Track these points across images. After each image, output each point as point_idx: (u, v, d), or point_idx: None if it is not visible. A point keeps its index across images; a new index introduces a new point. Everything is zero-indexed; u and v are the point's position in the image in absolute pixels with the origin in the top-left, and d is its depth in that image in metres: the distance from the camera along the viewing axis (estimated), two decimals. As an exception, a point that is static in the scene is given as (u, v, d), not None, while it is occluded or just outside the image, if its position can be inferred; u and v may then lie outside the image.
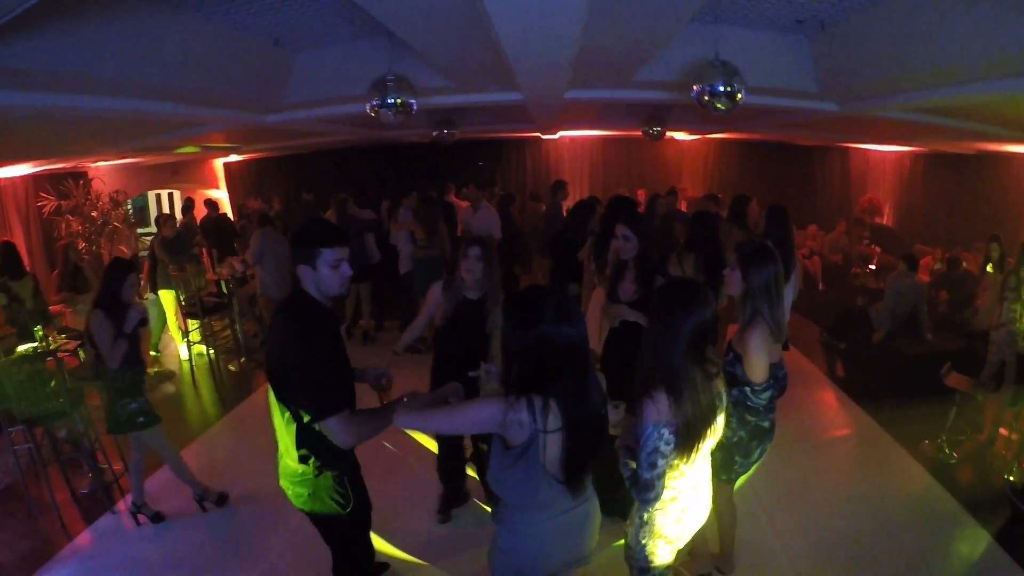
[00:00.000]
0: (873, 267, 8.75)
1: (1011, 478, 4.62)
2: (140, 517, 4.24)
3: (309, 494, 2.63)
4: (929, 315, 6.56)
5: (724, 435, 2.77)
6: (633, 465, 2.34)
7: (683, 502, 2.46)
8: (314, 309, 2.50)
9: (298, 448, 2.54)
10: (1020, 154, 7.14)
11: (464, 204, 8.86)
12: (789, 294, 4.81)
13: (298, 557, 3.81)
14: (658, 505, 2.41)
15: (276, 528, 4.13)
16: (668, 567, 2.60)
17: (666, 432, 2.22)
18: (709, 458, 2.58)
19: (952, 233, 8.41)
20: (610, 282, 3.75)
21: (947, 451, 4.91)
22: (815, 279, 9.10)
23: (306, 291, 2.51)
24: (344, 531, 2.84)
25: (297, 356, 2.40)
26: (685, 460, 2.32)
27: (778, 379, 3.07)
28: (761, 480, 2.70)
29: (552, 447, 2.07)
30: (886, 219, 10.15)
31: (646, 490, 2.27)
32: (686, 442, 2.26)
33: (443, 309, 3.76)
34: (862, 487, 4.56)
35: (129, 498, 4.38)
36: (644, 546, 2.51)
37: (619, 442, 2.52)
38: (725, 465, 3.14)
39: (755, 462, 3.18)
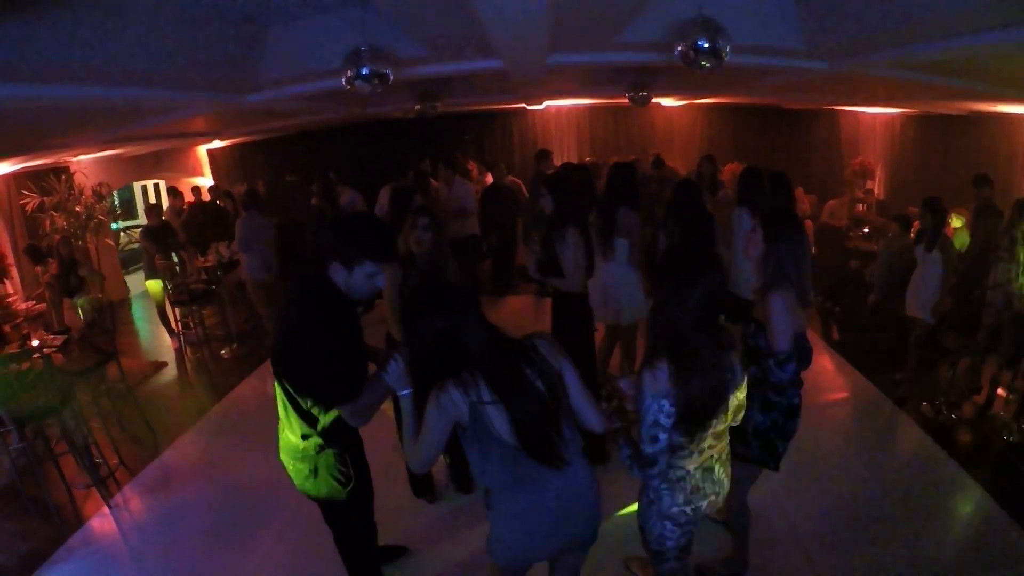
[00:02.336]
0: (867, 230, 8.69)
1: (1010, 438, 4.62)
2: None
3: (310, 470, 2.62)
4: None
5: (756, 421, 2.79)
6: (627, 451, 2.32)
7: (693, 483, 2.37)
8: (336, 298, 2.46)
9: (301, 425, 2.53)
10: (1011, 114, 7.06)
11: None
12: None
13: (298, 543, 3.79)
14: (665, 485, 2.35)
15: (275, 514, 4.11)
16: (683, 551, 2.53)
17: (666, 404, 2.16)
18: (725, 442, 2.46)
19: (944, 194, 8.33)
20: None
21: (945, 412, 4.89)
22: (809, 243, 9.02)
23: (331, 278, 2.45)
24: (345, 509, 2.80)
25: (315, 349, 2.37)
26: (689, 437, 2.24)
27: (803, 350, 2.91)
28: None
29: (499, 418, 2.03)
30: (877, 182, 10.08)
31: (649, 465, 2.23)
32: (690, 416, 2.19)
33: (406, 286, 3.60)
34: (861, 450, 4.57)
35: (126, 492, 4.36)
36: (653, 528, 2.45)
37: (615, 423, 2.42)
38: (770, 453, 2.99)
39: (791, 437, 3.04)
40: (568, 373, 2.17)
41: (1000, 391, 5.17)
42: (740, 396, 2.37)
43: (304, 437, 2.56)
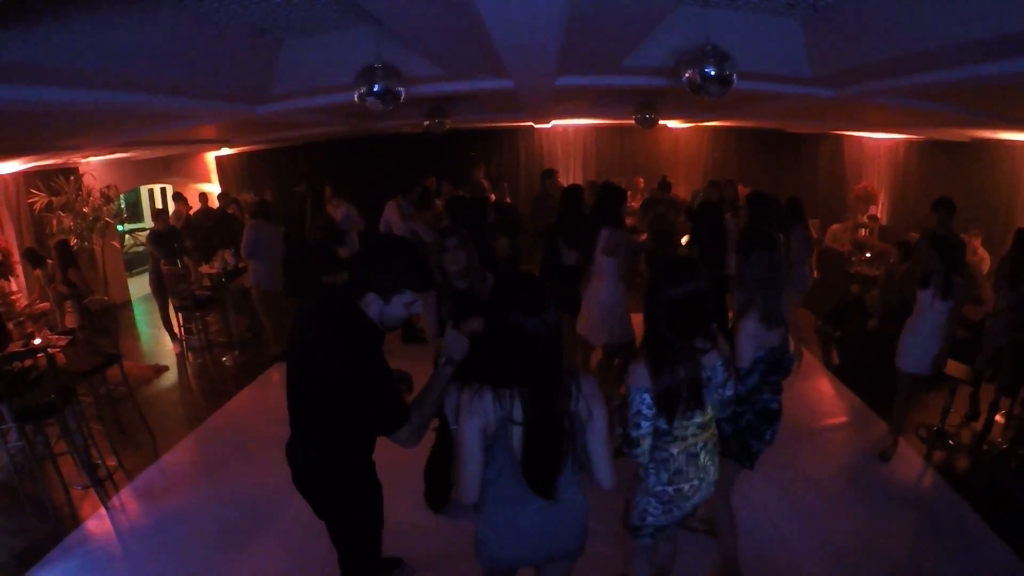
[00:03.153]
0: (868, 255, 8.72)
1: (1007, 465, 4.63)
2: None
3: (325, 486, 2.63)
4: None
5: (723, 430, 3.00)
6: (619, 430, 2.57)
7: (676, 465, 2.60)
8: (367, 328, 2.39)
9: (322, 441, 2.53)
10: (1014, 141, 7.11)
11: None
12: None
13: (294, 552, 3.80)
14: (652, 464, 2.60)
15: (272, 523, 4.13)
16: (659, 530, 2.74)
17: (647, 397, 2.42)
18: (710, 433, 2.69)
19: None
20: None
21: (944, 439, 4.91)
22: (811, 267, 9.06)
23: (361, 309, 2.38)
24: (354, 522, 2.77)
25: (360, 384, 2.30)
26: (670, 425, 2.50)
27: (777, 363, 3.14)
28: (757, 467, 2.72)
29: (518, 437, 2.10)
30: (880, 207, 10.12)
31: (634, 446, 2.49)
32: (666, 407, 2.44)
33: (443, 308, 3.63)
34: (858, 474, 4.58)
35: (124, 494, 4.37)
36: (638, 503, 2.69)
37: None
38: (744, 451, 3.22)
39: (769, 442, 3.25)
40: (599, 420, 2.17)
41: (998, 418, 5.19)
42: (725, 392, 2.65)
43: (323, 452, 2.56)
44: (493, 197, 9.70)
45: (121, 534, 4.18)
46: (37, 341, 5.31)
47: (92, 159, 9.01)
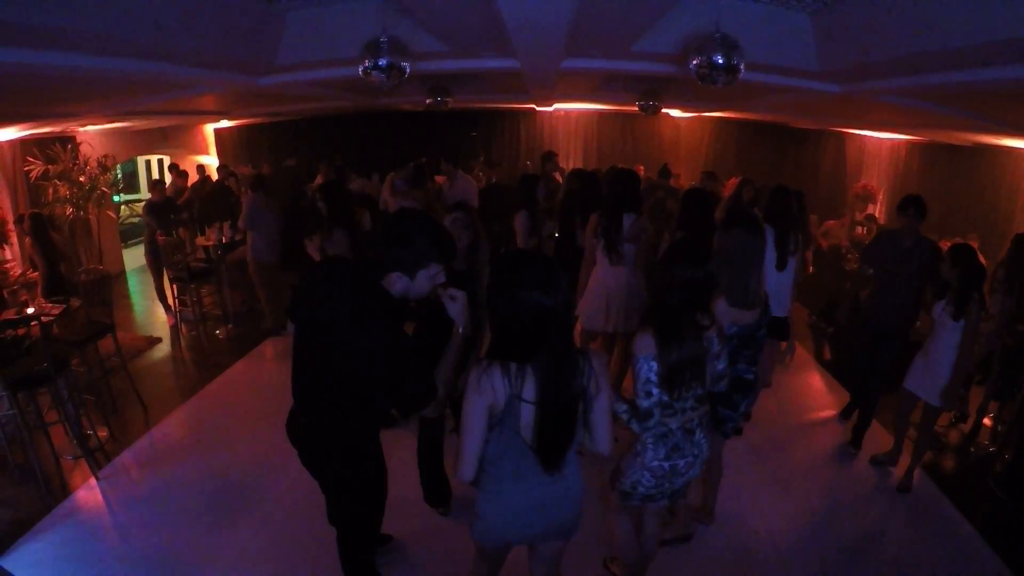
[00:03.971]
0: (864, 253, 8.72)
1: (994, 468, 4.66)
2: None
3: (337, 461, 2.60)
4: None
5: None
6: (624, 406, 2.65)
7: (674, 441, 2.72)
8: (396, 303, 2.37)
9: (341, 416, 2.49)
10: (1015, 148, 7.12)
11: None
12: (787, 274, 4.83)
13: (284, 523, 3.80)
14: (651, 439, 2.71)
15: (263, 495, 4.12)
16: (646, 499, 2.86)
17: (655, 365, 2.54)
18: (705, 408, 2.82)
19: (945, 224, 8.41)
20: None
21: (932, 439, 4.93)
22: (806, 262, 9.07)
23: (385, 288, 2.35)
24: (361, 499, 2.75)
25: (401, 351, 2.28)
26: (673, 396, 2.63)
27: (751, 338, 3.29)
28: (747, 460, 2.70)
29: (526, 415, 2.09)
30: (879, 207, 10.13)
31: (646, 418, 2.58)
32: (672, 377, 2.58)
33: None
34: (847, 472, 4.59)
35: (114, 465, 4.36)
36: (632, 474, 2.79)
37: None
38: (717, 419, 3.36)
39: (743, 413, 3.43)
40: (605, 395, 2.19)
41: (986, 420, 5.22)
42: (718, 366, 2.80)
43: (342, 425, 2.53)
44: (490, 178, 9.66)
45: (111, 505, 4.16)
46: (30, 310, 5.27)
47: (90, 128, 8.93)
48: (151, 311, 8.13)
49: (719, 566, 3.58)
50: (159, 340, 7.04)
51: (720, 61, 3.62)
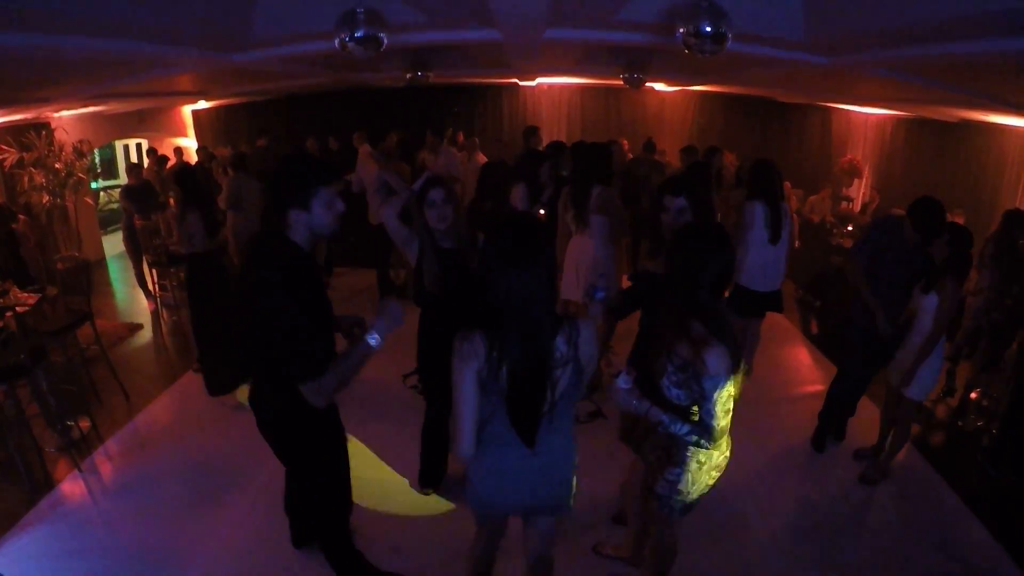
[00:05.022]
0: (851, 228, 8.73)
1: (982, 442, 4.68)
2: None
3: (286, 433, 2.64)
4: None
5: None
6: (687, 427, 2.33)
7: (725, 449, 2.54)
8: (298, 259, 2.37)
9: (276, 386, 2.48)
10: (1002, 124, 7.10)
11: None
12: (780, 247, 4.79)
13: (271, 510, 3.73)
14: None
15: (248, 481, 4.07)
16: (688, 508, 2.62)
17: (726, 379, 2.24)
18: None
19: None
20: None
21: (920, 413, 4.94)
22: (793, 237, 9.06)
23: (289, 238, 2.36)
24: (319, 480, 2.79)
25: (278, 320, 2.27)
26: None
27: None
28: (734, 434, 2.63)
29: (504, 380, 2.08)
30: (865, 181, 10.13)
31: (720, 435, 2.33)
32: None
33: (428, 272, 3.33)
34: (835, 446, 4.58)
35: (98, 455, 4.27)
36: (697, 482, 2.53)
37: (642, 409, 2.37)
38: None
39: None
40: (592, 363, 2.24)
41: (973, 395, 5.24)
42: None
43: (280, 397, 2.51)
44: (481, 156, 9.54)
45: (95, 496, 4.09)
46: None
47: (64, 113, 8.73)
48: (132, 298, 8.00)
49: (710, 540, 3.57)
50: (140, 327, 6.92)
51: (707, 29, 3.54)
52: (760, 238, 4.72)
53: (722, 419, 2.28)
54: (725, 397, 2.24)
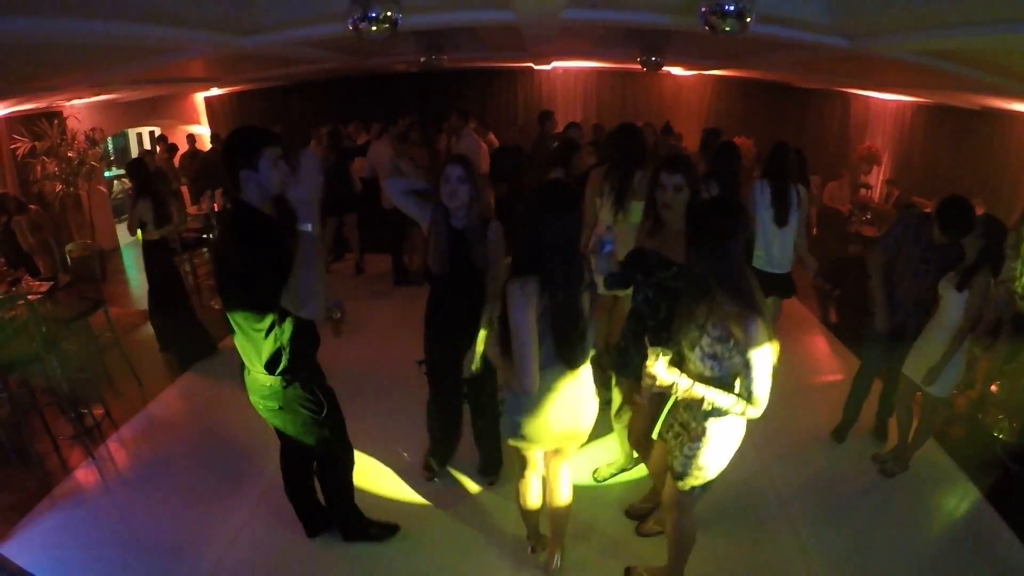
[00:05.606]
0: (869, 216, 8.59)
1: (1002, 436, 4.58)
2: None
3: (280, 407, 2.76)
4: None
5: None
6: (732, 399, 2.41)
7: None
8: (257, 218, 2.53)
9: (264, 360, 2.63)
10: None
11: None
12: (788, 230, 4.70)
13: (283, 497, 3.69)
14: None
15: (261, 469, 4.04)
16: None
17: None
18: None
19: (951, 187, 8.23)
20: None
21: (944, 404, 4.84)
22: (810, 225, 8.94)
23: (247, 202, 2.53)
24: (324, 447, 2.96)
25: (245, 261, 2.45)
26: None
27: None
28: (752, 424, 2.56)
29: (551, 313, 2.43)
30: (883, 169, 9.96)
31: (764, 402, 2.39)
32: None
33: (435, 248, 3.25)
34: (852, 436, 4.50)
35: (111, 443, 4.26)
36: (721, 457, 2.60)
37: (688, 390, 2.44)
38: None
39: None
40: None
41: (994, 388, 5.13)
42: None
43: (268, 370, 2.65)
44: (493, 138, 9.44)
45: (109, 484, 4.09)
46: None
47: (76, 102, 8.71)
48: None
49: (727, 528, 3.55)
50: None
51: (730, 8, 3.44)
52: (764, 218, 4.65)
53: (764, 385, 2.35)
54: (767, 365, 2.32)
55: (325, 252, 2.70)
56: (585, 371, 2.65)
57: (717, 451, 2.57)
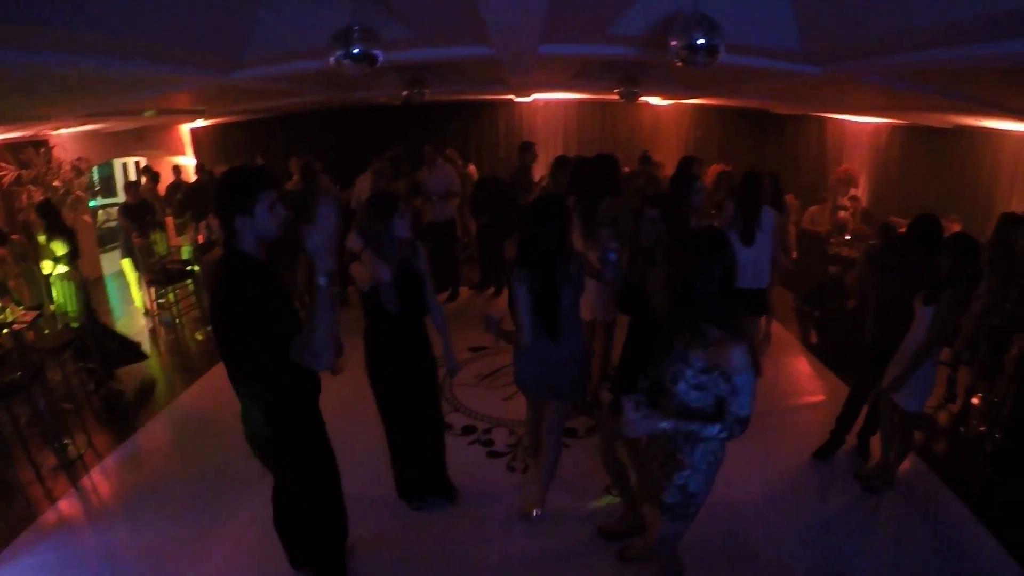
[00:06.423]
0: (848, 237, 8.75)
1: (985, 448, 4.66)
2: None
3: (276, 449, 2.74)
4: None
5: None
6: (717, 427, 2.36)
7: None
8: (252, 267, 2.44)
9: (263, 408, 2.59)
10: (997, 129, 7.13)
11: None
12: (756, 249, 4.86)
13: (268, 530, 3.69)
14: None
15: (246, 501, 4.04)
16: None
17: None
18: None
19: (926, 206, 8.40)
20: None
21: (922, 421, 4.92)
22: (789, 248, 9.07)
23: (240, 249, 2.43)
24: (308, 484, 2.87)
25: (244, 320, 2.37)
26: None
27: None
28: (735, 445, 2.61)
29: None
30: (861, 190, 10.15)
31: (747, 424, 2.36)
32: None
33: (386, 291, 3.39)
34: (836, 454, 4.56)
35: (95, 474, 4.26)
36: (706, 482, 2.57)
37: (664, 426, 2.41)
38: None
39: None
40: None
41: (975, 400, 5.23)
42: None
43: (268, 420, 2.63)
44: (472, 169, 9.60)
45: (93, 515, 4.08)
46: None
47: (63, 131, 8.75)
48: (131, 315, 7.99)
49: (712, 555, 3.56)
50: (138, 344, 6.90)
51: (700, 42, 3.55)
52: (733, 238, 4.78)
53: (750, 409, 2.35)
54: (753, 389, 2.33)
55: (338, 301, 2.65)
56: (567, 346, 3.32)
57: (707, 477, 2.55)
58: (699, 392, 2.38)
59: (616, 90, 7.66)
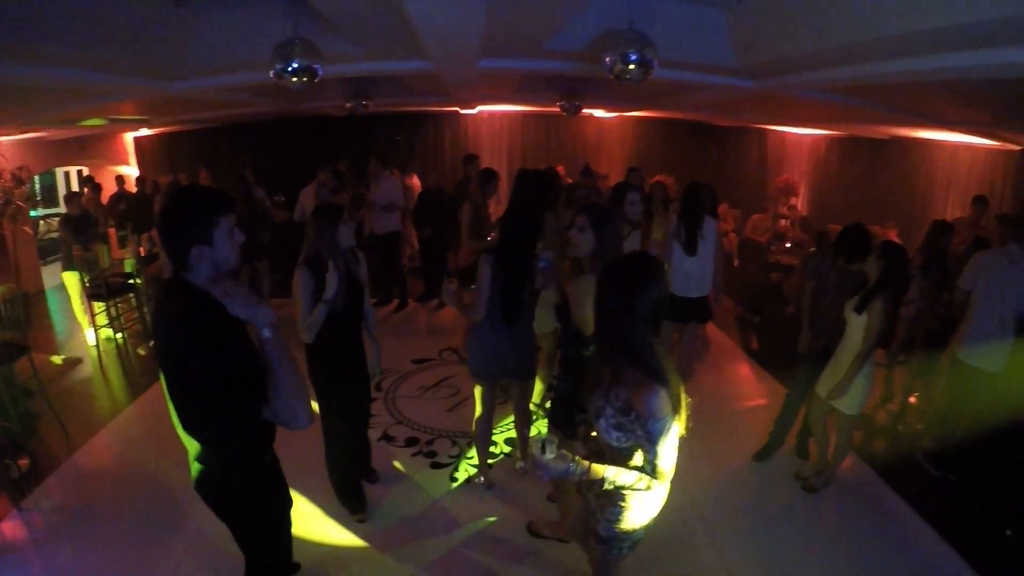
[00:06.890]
0: (788, 245, 9.04)
1: (923, 445, 4.84)
2: None
3: (221, 489, 2.41)
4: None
5: (560, 389, 3.28)
6: (633, 476, 2.23)
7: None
8: (206, 306, 2.07)
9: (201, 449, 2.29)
10: (931, 140, 7.46)
11: None
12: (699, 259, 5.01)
13: (214, 545, 3.68)
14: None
15: (191, 518, 3.97)
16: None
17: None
18: None
19: (865, 214, 8.74)
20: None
21: (860, 421, 5.11)
22: (731, 256, 9.35)
23: (189, 281, 2.12)
24: (251, 520, 2.58)
25: (205, 375, 2.07)
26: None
27: None
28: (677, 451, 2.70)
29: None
30: (801, 199, 10.50)
31: (669, 474, 2.24)
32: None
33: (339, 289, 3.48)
34: (777, 455, 4.71)
35: (37, 494, 4.17)
36: (642, 515, 2.43)
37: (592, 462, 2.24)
38: (568, 420, 3.15)
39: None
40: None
41: (912, 399, 5.46)
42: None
43: (205, 459, 2.33)
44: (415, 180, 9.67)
45: (35, 535, 3.96)
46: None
47: (3, 139, 8.50)
48: (72, 330, 7.78)
49: (655, 561, 3.55)
50: (79, 360, 6.75)
51: (634, 57, 3.69)
52: (677, 248, 5.04)
53: (669, 459, 2.20)
54: (671, 437, 2.16)
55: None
56: (518, 333, 3.72)
57: (642, 511, 2.40)
58: (619, 432, 2.23)
59: (559, 103, 7.80)
